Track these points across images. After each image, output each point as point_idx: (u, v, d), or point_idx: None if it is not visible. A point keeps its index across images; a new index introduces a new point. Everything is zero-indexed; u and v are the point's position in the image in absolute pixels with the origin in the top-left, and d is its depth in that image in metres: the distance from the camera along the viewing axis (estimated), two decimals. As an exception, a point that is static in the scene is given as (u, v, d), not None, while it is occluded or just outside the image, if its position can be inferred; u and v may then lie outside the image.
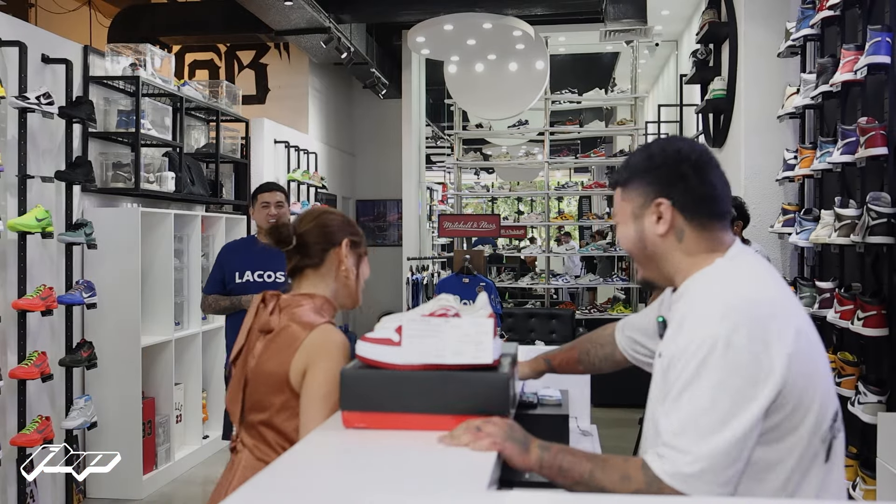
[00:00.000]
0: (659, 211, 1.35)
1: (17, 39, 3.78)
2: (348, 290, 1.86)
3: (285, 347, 1.69)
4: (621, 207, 1.41)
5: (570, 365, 1.88)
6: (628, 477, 1.24)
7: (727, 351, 1.19)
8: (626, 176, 1.40)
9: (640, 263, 1.43)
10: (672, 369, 1.26)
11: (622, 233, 1.42)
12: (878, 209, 2.76)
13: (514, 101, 7.50)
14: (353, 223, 1.93)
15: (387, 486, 1.21)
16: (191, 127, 5.89)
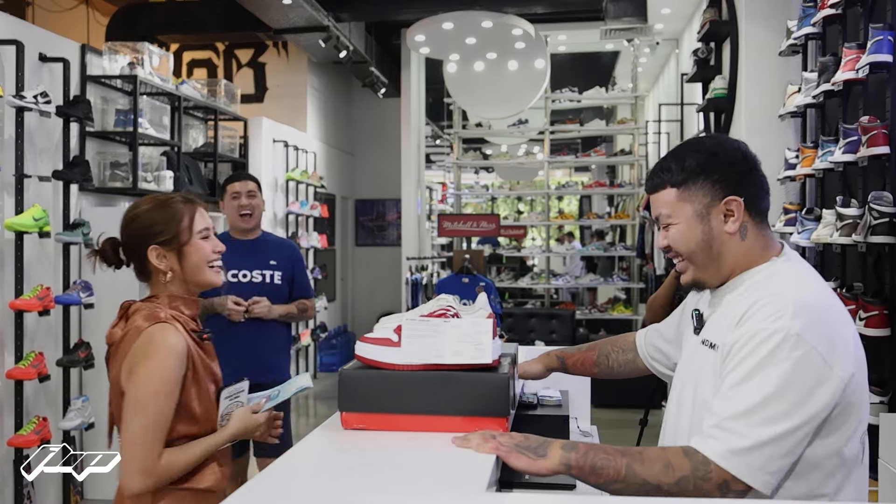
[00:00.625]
0: (730, 209, 1.35)
1: (14, 38, 3.76)
2: (190, 282, 1.75)
3: (120, 356, 1.65)
4: (679, 208, 1.37)
5: (585, 366, 1.85)
6: (670, 465, 1.22)
7: (798, 346, 1.21)
8: (684, 176, 1.37)
9: (696, 264, 1.39)
10: (734, 356, 1.26)
11: (680, 234, 1.38)
12: (880, 208, 2.75)
13: (514, 100, 7.49)
14: (161, 217, 1.73)
15: (386, 487, 1.20)
16: (189, 126, 5.87)
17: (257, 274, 3.22)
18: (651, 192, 1.44)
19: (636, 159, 8.09)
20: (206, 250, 1.75)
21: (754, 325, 1.26)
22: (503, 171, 10.33)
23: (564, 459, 1.27)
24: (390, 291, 9.73)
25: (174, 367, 1.61)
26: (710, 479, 1.20)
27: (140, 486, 1.58)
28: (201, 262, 1.74)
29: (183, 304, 1.73)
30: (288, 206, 7.58)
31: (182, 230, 1.72)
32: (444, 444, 1.38)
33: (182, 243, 1.72)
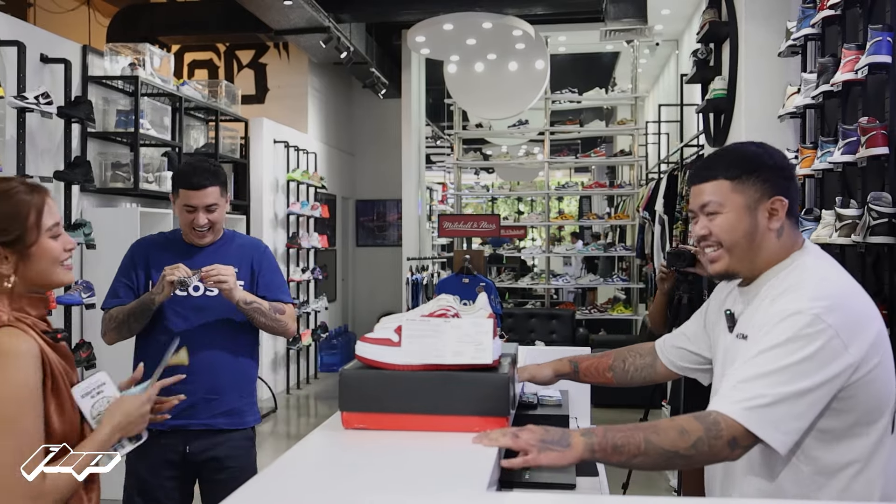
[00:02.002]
0: (774, 208, 1.47)
1: (15, 39, 3.77)
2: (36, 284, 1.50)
3: None
4: (731, 199, 1.47)
5: (598, 371, 1.85)
6: (684, 430, 1.31)
7: (815, 324, 1.32)
8: (739, 171, 1.48)
9: (735, 255, 1.48)
10: (756, 336, 1.38)
11: (728, 223, 1.47)
12: (879, 209, 2.75)
13: (514, 100, 7.50)
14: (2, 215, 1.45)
15: (387, 487, 1.20)
16: (190, 127, 5.88)
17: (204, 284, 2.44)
18: (701, 182, 1.52)
19: (636, 160, 8.10)
20: (56, 250, 1.50)
21: (777, 308, 1.38)
22: (503, 172, 10.33)
23: (588, 446, 1.30)
24: (391, 292, 9.73)
25: (31, 373, 1.38)
26: (721, 436, 1.29)
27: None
28: (51, 263, 1.49)
29: (28, 304, 1.48)
30: (289, 206, 7.58)
31: (29, 229, 1.46)
32: (444, 444, 1.38)
33: (28, 244, 1.46)
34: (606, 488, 1.90)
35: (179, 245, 2.47)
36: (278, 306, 2.44)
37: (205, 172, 2.39)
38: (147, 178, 4.85)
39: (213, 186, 2.39)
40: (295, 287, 7.72)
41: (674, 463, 1.33)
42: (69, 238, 1.55)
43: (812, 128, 3.93)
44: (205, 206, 2.37)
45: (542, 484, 1.70)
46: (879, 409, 1.38)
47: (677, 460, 1.31)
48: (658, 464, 1.32)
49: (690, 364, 1.76)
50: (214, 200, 2.39)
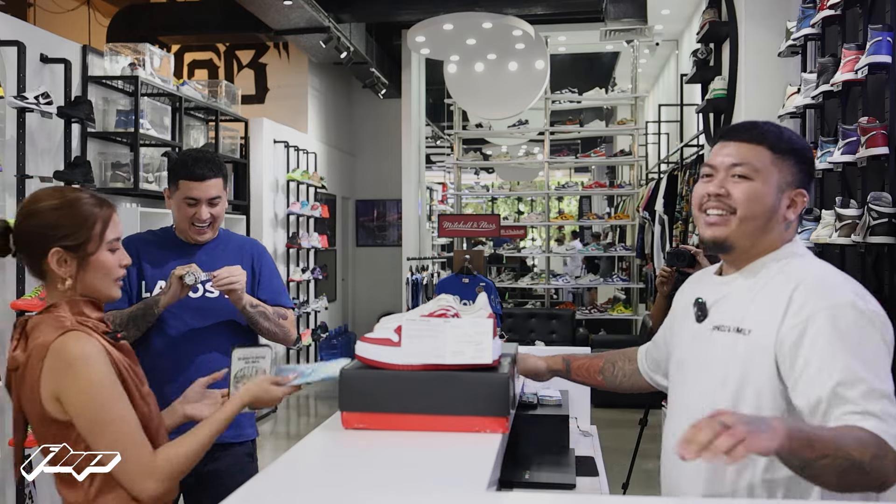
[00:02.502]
0: (797, 200, 1.42)
1: (15, 39, 3.77)
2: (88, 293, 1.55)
3: (29, 381, 1.45)
4: (768, 170, 1.39)
5: (590, 373, 1.82)
6: (861, 440, 1.16)
7: (862, 315, 1.28)
8: (785, 148, 1.41)
9: (745, 226, 1.39)
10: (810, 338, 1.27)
11: (756, 192, 1.39)
12: (879, 209, 2.75)
13: (514, 100, 7.50)
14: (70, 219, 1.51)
15: (386, 486, 1.20)
16: (190, 127, 5.88)
17: (211, 287, 2.26)
18: (738, 141, 1.42)
19: (636, 160, 8.10)
20: (112, 265, 1.55)
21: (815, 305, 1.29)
22: (503, 172, 10.33)
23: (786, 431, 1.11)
24: (391, 292, 9.73)
25: (104, 370, 1.44)
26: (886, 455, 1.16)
27: (151, 491, 1.45)
28: (105, 276, 1.54)
29: (87, 308, 1.53)
30: (289, 206, 7.58)
31: (92, 237, 1.51)
32: (444, 444, 1.38)
33: (89, 253, 1.51)
34: (606, 488, 1.91)
35: (173, 243, 2.31)
36: (281, 311, 2.32)
37: (208, 163, 2.24)
38: (147, 178, 4.85)
39: (217, 178, 2.25)
40: (295, 287, 7.72)
41: (851, 477, 1.15)
42: (126, 255, 1.60)
43: (812, 128, 3.93)
44: (208, 199, 2.23)
45: (542, 484, 1.70)
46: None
47: (857, 474, 1.14)
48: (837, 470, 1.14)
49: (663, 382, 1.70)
50: (218, 193, 2.24)
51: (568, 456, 1.90)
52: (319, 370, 1.69)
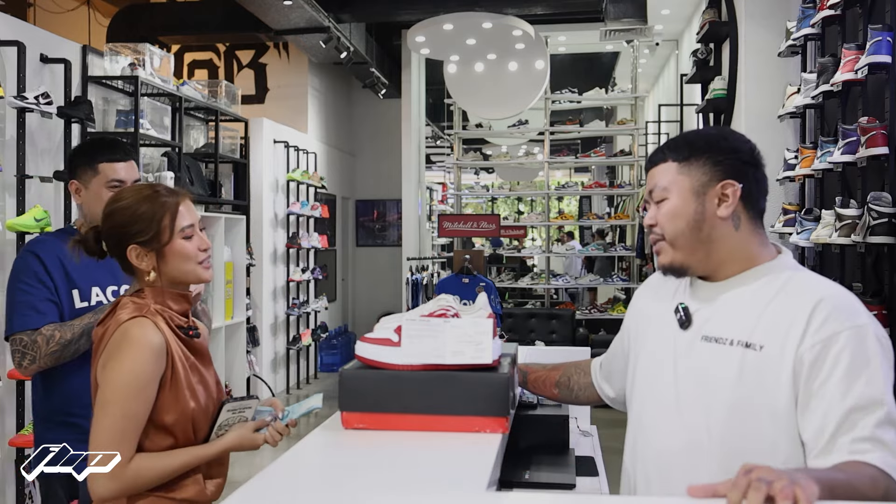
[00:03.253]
0: (725, 193, 1.33)
1: (15, 39, 3.77)
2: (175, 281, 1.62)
3: (99, 352, 1.54)
4: (676, 182, 1.35)
5: (546, 385, 1.77)
6: (875, 479, 1.14)
7: (879, 342, 1.25)
8: (688, 153, 1.36)
9: (680, 246, 1.35)
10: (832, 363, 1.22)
11: (674, 208, 1.35)
12: (879, 209, 2.75)
13: (514, 100, 7.50)
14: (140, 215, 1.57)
15: (386, 487, 1.20)
16: (190, 127, 5.88)
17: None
18: (652, 167, 1.41)
19: (636, 160, 8.10)
20: (189, 251, 1.60)
21: (838, 324, 1.25)
22: (503, 172, 10.33)
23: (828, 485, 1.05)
24: (391, 291, 9.73)
25: (148, 364, 1.48)
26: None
27: (103, 490, 1.46)
28: (184, 262, 1.60)
29: (171, 299, 1.61)
30: (289, 206, 7.58)
31: (163, 229, 1.58)
32: (444, 444, 1.38)
33: (162, 244, 1.58)
34: (606, 488, 1.90)
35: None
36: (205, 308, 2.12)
37: (124, 145, 2.15)
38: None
39: (133, 160, 2.14)
40: (295, 287, 7.73)
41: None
42: (205, 239, 1.65)
43: (812, 128, 3.93)
44: (133, 181, 2.10)
45: (542, 484, 1.70)
46: None
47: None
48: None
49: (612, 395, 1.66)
50: (138, 176, 2.15)
51: (568, 456, 1.90)
52: (294, 410, 1.73)
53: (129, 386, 1.47)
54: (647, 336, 1.47)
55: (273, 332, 7.30)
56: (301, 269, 7.71)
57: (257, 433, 1.66)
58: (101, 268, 1.98)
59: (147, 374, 1.49)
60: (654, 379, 1.42)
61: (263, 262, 7.04)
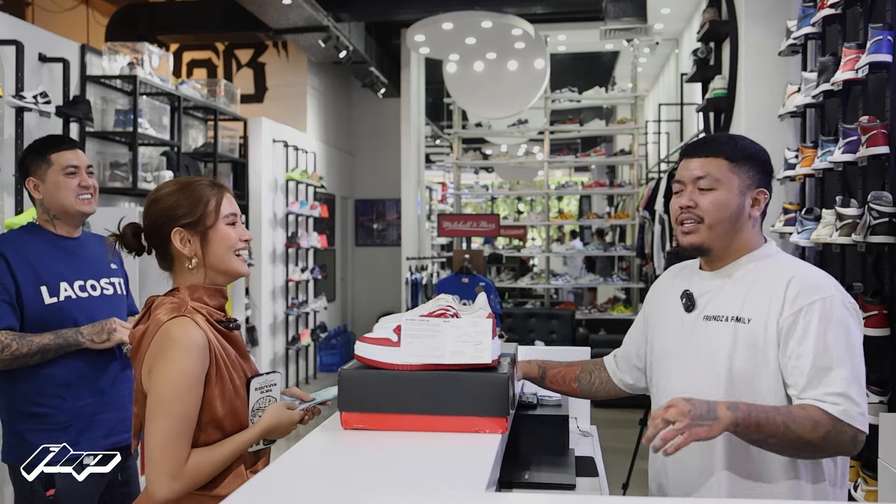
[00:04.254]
0: (758, 198, 1.60)
1: (13, 38, 3.76)
2: (215, 270, 1.63)
3: (141, 354, 1.55)
4: (728, 178, 1.57)
5: (565, 381, 1.89)
6: (818, 423, 1.41)
7: (845, 307, 1.50)
8: (740, 156, 1.59)
9: (716, 231, 1.57)
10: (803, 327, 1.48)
11: (721, 199, 1.56)
12: (880, 208, 2.75)
13: (513, 100, 7.49)
14: (186, 199, 1.61)
15: (386, 487, 1.20)
16: (189, 126, 5.87)
17: (106, 284, 2.26)
18: (701, 157, 1.59)
19: (636, 159, 8.09)
20: (231, 237, 1.63)
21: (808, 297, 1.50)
22: (503, 171, 10.33)
23: (733, 419, 1.35)
24: (390, 291, 9.73)
25: (194, 362, 1.50)
26: (844, 430, 1.42)
27: (167, 492, 1.47)
28: (227, 248, 1.62)
29: (207, 295, 1.62)
30: (288, 206, 7.58)
31: (208, 213, 1.61)
32: (443, 444, 1.38)
33: (207, 227, 1.61)
34: (606, 488, 1.90)
35: (47, 239, 2.21)
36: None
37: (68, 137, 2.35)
38: (146, 178, 4.84)
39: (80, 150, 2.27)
40: (294, 287, 7.72)
41: (805, 452, 1.43)
42: (246, 231, 1.68)
43: (812, 127, 3.93)
44: (87, 167, 2.23)
45: (541, 484, 1.69)
46: None
47: (809, 449, 1.42)
48: (792, 447, 1.41)
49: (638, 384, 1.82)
50: (89, 161, 2.26)
51: (568, 456, 1.89)
52: (320, 395, 1.75)
53: (179, 387, 1.49)
54: (661, 320, 1.71)
55: (272, 332, 7.29)
56: (300, 269, 7.71)
57: (293, 411, 1.66)
58: (68, 263, 2.17)
59: (195, 372, 1.51)
60: (669, 354, 1.66)
61: (262, 261, 7.03)
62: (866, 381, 2.95)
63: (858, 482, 2.89)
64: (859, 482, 2.88)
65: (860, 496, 2.84)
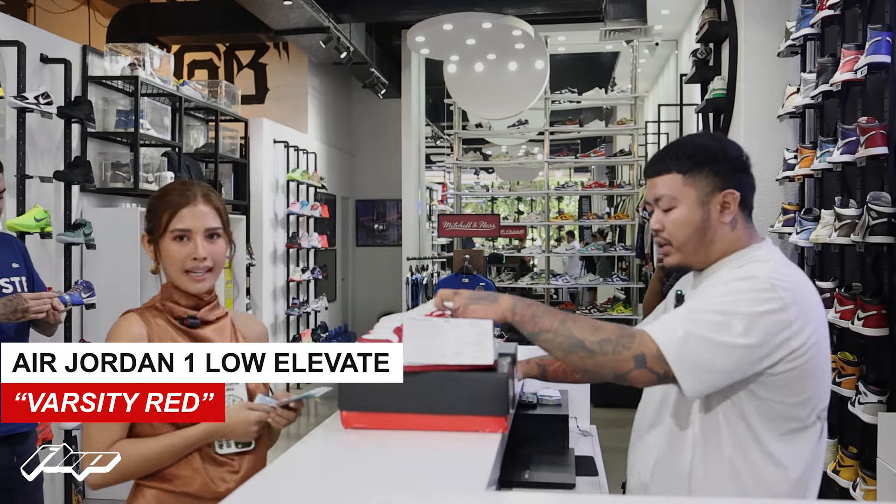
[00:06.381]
0: (726, 201, 1.47)
1: (15, 39, 3.77)
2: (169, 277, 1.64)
3: None
4: (683, 192, 1.47)
5: (567, 372, 1.84)
6: (600, 328, 1.34)
7: (771, 291, 1.33)
8: (691, 165, 1.48)
9: (686, 249, 1.49)
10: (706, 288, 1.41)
11: (681, 216, 1.48)
12: (879, 209, 2.76)
13: (513, 100, 7.50)
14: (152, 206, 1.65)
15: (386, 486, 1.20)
16: (190, 127, 5.88)
17: (6, 283, 2.42)
18: (654, 176, 1.52)
19: (635, 160, 8.10)
20: (174, 254, 1.61)
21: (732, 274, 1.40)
22: (503, 172, 10.33)
23: (512, 306, 1.37)
24: (391, 291, 9.73)
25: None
26: (630, 347, 1.31)
27: (91, 479, 1.50)
28: (171, 263, 1.61)
29: (177, 294, 1.63)
30: (288, 206, 7.58)
31: (159, 225, 1.61)
32: (443, 444, 1.38)
33: (157, 238, 1.63)
34: (606, 488, 1.91)
35: None
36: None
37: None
38: (147, 179, 4.85)
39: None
40: (295, 287, 7.73)
41: (576, 353, 1.33)
42: (202, 249, 1.61)
43: (811, 127, 3.93)
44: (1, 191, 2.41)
45: (541, 483, 1.70)
46: (812, 410, 1.38)
47: (580, 351, 1.33)
48: (562, 347, 1.34)
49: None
50: (4, 186, 2.43)
51: (567, 456, 1.90)
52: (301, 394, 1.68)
53: None
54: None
55: (273, 332, 7.30)
56: (301, 269, 7.71)
57: (250, 410, 1.60)
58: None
59: None
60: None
61: (263, 261, 7.04)
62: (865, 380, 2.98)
63: (857, 482, 2.89)
64: (858, 482, 2.89)
65: (859, 495, 2.85)
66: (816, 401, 1.39)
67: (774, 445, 1.37)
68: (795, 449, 1.38)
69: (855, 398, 2.92)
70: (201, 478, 1.57)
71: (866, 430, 2.92)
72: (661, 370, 1.30)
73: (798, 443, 1.38)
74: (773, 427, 1.37)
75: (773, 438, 1.37)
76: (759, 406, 1.36)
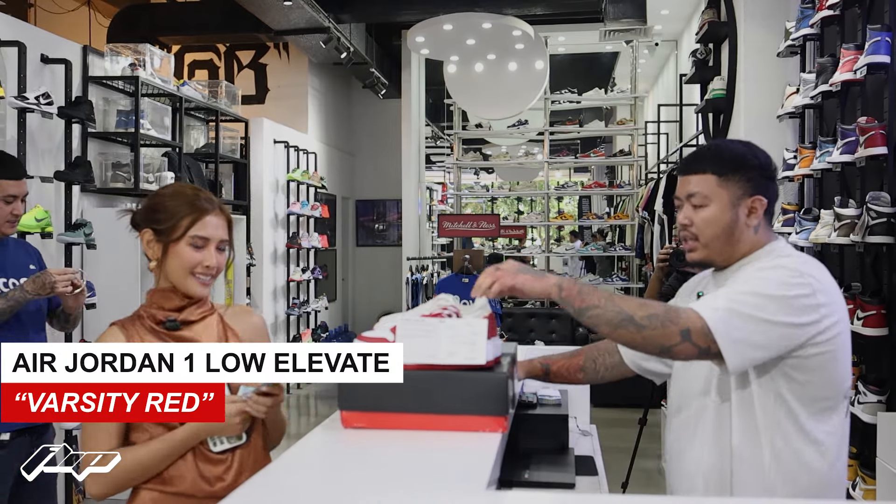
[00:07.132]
0: (754, 206, 1.55)
1: (16, 39, 3.77)
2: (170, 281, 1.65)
3: None
4: (717, 193, 1.55)
5: (570, 372, 1.87)
6: (646, 304, 1.41)
7: (800, 277, 1.43)
8: (727, 168, 1.56)
9: (711, 245, 1.57)
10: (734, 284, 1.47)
11: (711, 215, 1.55)
12: (878, 209, 2.76)
13: (513, 100, 7.50)
14: (168, 206, 1.64)
15: (386, 486, 1.21)
16: (190, 127, 5.89)
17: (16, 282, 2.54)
18: (689, 174, 1.59)
19: (635, 160, 8.10)
20: (189, 259, 1.62)
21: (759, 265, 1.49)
22: (503, 172, 10.33)
23: (556, 282, 1.43)
24: (391, 291, 9.73)
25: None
26: (678, 322, 1.38)
27: (92, 490, 1.52)
28: (181, 267, 1.62)
29: (161, 298, 1.64)
30: (289, 206, 7.59)
31: (176, 227, 1.62)
32: (443, 443, 1.39)
33: (171, 240, 1.62)
34: (606, 488, 1.91)
35: None
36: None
37: (19, 164, 2.58)
38: (147, 179, 4.86)
39: (26, 178, 2.55)
40: (295, 287, 7.73)
41: (625, 328, 1.38)
42: (213, 258, 1.65)
43: (811, 128, 3.94)
44: (23, 195, 2.52)
45: (541, 483, 1.70)
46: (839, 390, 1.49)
47: (630, 326, 1.38)
48: (612, 322, 1.39)
49: (655, 367, 1.79)
50: (27, 190, 2.55)
51: (567, 455, 1.90)
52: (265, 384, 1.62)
53: None
54: None
55: (273, 332, 7.30)
56: (301, 269, 7.72)
57: (231, 404, 1.55)
58: None
59: None
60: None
61: (264, 261, 7.04)
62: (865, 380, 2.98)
63: (857, 481, 2.89)
64: (857, 481, 2.89)
65: (858, 495, 2.85)
66: (842, 381, 1.49)
67: (811, 424, 1.46)
68: (828, 426, 1.48)
69: (854, 398, 2.92)
70: (198, 477, 1.58)
71: (866, 430, 2.92)
72: (705, 344, 1.37)
73: (831, 420, 1.48)
74: (809, 407, 1.46)
75: (809, 417, 1.46)
76: (794, 389, 1.45)
